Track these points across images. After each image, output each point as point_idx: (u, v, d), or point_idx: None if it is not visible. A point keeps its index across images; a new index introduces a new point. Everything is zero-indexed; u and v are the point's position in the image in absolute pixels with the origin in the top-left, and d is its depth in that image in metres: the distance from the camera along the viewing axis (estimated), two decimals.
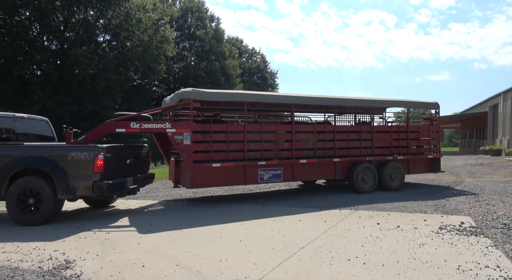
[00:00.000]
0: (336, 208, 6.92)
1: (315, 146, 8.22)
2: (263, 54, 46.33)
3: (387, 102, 9.38)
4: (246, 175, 7.55)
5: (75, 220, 6.26)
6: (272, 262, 3.97)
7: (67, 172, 5.73)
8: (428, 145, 9.60)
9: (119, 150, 6.42)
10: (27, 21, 17.16)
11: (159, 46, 21.82)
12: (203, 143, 7.23)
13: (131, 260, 4.13)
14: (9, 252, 4.41)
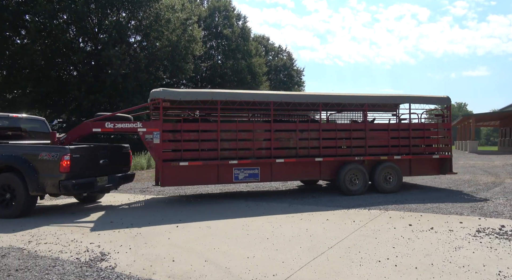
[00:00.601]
0: (365, 207, 6.76)
1: (297, 145, 7.90)
2: (290, 52, 46.04)
3: (388, 98, 8.65)
4: (220, 174, 7.49)
5: (110, 215, 6.52)
6: (300, 261, 3.94)
7: (38, 171, 6.00)
8: (436, 144, 8.71)
9: (90, 151, 6.59)
10: (64, 24, 18.05)
11: (187, 45, 22.22)
12: (174, 142, 7.25)
13: (161, 255, 4.25)
14: (50, 243, 4.67)
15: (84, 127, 7.15)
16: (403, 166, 8.45)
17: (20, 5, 17.32)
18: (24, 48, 16.94)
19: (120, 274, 3.65)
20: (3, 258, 4.05)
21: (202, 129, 7.37)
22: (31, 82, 18.36)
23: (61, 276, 3.58)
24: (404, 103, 8.74)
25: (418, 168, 8.63)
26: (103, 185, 6.70)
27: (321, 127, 8.08)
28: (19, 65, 18.25)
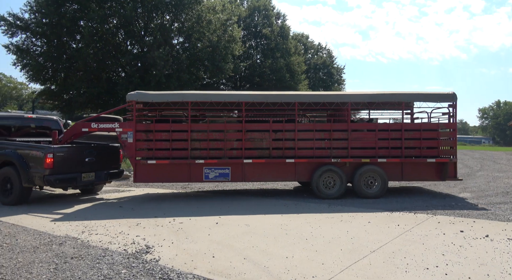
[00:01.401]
0: (411, 211, 6.42)
1: (270, 146, 7.67)
2: (330, 50, 45.00)
3: (377, 96, 7.89)
4: (191, 172, 7.62)
5: (154, 210, 6.81)
6: (340, 263, 3.84)
7: (30, 166, 6.76)
8: (437, 146, 7.71)
9: (74, 150, 7.27)
10: (114, 28, 19.16)
11: (227, 45, 22.56)
12: (147, 141, 7.52)
13: (202, 250, 4.36)
14: (100, 234, 4.99)
15: (75, 128, 7.82)
16: (392, 170, 7.74)
17: (76, 12, 18.66)
18: (79, 52, 18.24)
19: (164, 267, 3.79)
20: (61, 246, 4.39)
21: (173, 130, 7.58)
22: (84, 84, 19.72)
23: (111, 265, 3.80)
24: (401, 101, 7.85)
25: (411, 173, 7.82)
26: (90, 180, 7.33)
27: (297, 127, 7.70)
28: (75, 68, 19.69)
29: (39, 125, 8.67)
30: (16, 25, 18.23)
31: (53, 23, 17.95)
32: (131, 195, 8.27)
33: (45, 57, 18.97)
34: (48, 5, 17.69)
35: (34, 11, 18.38)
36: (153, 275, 3.56)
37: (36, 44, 19.23)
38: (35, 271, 3.62)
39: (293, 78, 31.30)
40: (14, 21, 18.17)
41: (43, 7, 17.88)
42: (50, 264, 3.81)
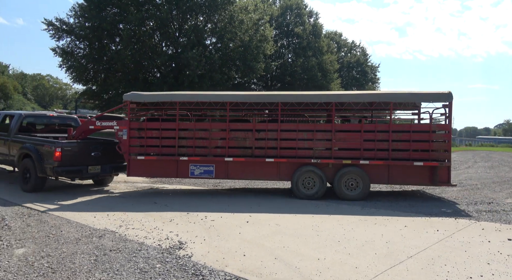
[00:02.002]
0: (451, 216, 6.08)
1: (253, 145, 7.70)
2: (364, 47, 43.87)
3: (364, 96, 7.69)
4: (178, 168, 7.96)
5: (188, 206, 6.98)
6: (375, 268, 3.71)
7: (43, 158, 7.48)
8: (428, 149, 7.22)
9: (81, 145, 7.91)
10: (151, 30, 19.90)
11: (259, 45, 22.63)
12: (139, 139, 7.99)
13: (233, 248, 4.39)
14: (136, 229, 5.18)
15: (84, 125, 8.56)
16: (376, 172, 7.43)
17: (116, 16, 19.58)
18: (118, 53, 19.11)
19: (196, 263, 3.87)
20: (100, 239, 4.61)
21: (162, 128, 7.98)
22: (122, 84, 20.64)
23: (146, 259, 3.94)
24: (388, 101, 7.51)
25: (399, 176, 7.43)
26: (96, 172, 7.96)
27: (280, 127, 7.65)
28: (114, 69, 20.65)
29: (61, 123, 9.66)
30: (62, 29, 19.42)
31: (95, 27, 18.93)
32: (164, 190, 8.53)
33: (87, 59, 20.07)
34: (90, 9, 18.67)
35: (78, 15, 19.48)
36: (186, 271, 3.64)
37: (79, 47, 20.38)
38: (78, 261, 3.83)
39: (325, 77, 30.78)
40: (60, 26, 19.36)
41: (86, 12, 18.90)
42: (90, 255, 4.01)
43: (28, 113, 9.41)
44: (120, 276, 3.47)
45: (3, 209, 5.96)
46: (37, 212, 5.91)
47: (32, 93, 70.17)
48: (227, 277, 3.50)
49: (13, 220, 5.29)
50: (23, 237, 4.55)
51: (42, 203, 6.57)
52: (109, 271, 3.59)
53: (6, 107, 56.69)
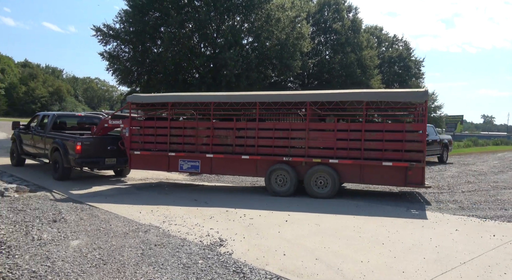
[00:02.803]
0: (510, 220, 5.60)
1: (234, 143, 8.06)
2: (406, 41, 41.66)
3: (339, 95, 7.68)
4: (170, 163, 8.58)
5: (226, 204, 7.08)
6: (424, 273, 3.51)
7: (68, 151, 8.56)
8: (401, 149, 6.94)
9: (98, 140, 9.03)
10: (190, 32, 20.44)
11: (295, 43, 22.38)
12: (138, 136, 8.83)
13: (272, 247, 4.38)
14: (179, 225, 5.35)
15: (101, 123, 9.46)
16: (348, 171, 7.36)
17: (157, 20, 20.38)
18: (159, 56, 19.88)
19: (237, 260, 3.91)
20: (146, 234, 4.82)
21: (157, 126, 8.69)
22: (163, 85, 21.43)
23: (189, 255, 4.05)
24: (362, 100, 7.38)
25: (372, 175, 7.25)
26: (112, 164, 9.02)
27: (258, 126, 7.87)
28: (155, 71, 21.51)
29: (88, 121, 10.93)
30: (109, 34, 20.57)
31: (139, 31, 19.84)
32: (203, 186, 8.73)
33: (131, 62, 21.09)
34: (134, 15, 19.59)
35: (123, 21, 20.52)
36: (227, 268, 3.69)
37: (124, 50, 21.46)
38: (126, 254, 4.03)
39: (364, 73, 29.77)
40: (107, 31, 20.52)
41: (130, 17, 19.86)
42: (137, 249, 4.20)
43: (60, 113, 10.83)
44: (165, 270, 3.60)
45: (59, 203, 6.44)
46: (89, 206, 6.31)
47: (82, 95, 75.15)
48: (268, 276, 3.50)
49: (68, 213, 5.69)
50: (77, 229, 4.88)
51: (92, 198, 7.01)
52: (155, 265, 3.73)
53: (61, 109, 61.39)
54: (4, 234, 4.51)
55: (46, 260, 3.74)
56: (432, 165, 14.98)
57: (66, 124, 10.60)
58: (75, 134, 9.39)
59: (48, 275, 3.39)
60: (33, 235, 4.53)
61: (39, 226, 4.91)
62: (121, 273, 3.52)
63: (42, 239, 4.38)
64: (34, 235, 4.51)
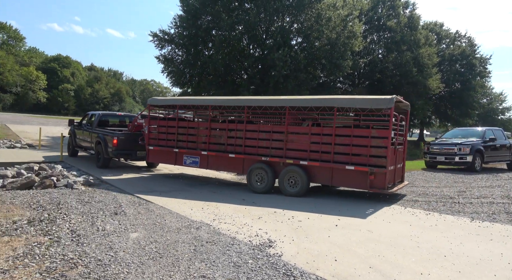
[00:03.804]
0: None
1: (226, 142, 8.82)
2: (470, 37, 38.25)
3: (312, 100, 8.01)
4: (176, 158, 9.66)
5: (273, 204, 7.07)
6: None
7: (108, 144, 10.20)
8: (366, 154, 7.14)
9: (131, 135, 10.49)
10: (240, 34, 20.84)
11: (346, 42, 21.72)
12: (154, 133, 10.09)
13: (323, 252, 4.27)
14: (228, 224, 5.45)
15: (133, 121, 11.01)
16: (318, 173, 7.71)
17: (209, 23, 21.08)
18: (210, 58, 20.53)
19: (286, 263, 3.87)
20: (197, 230, 4.98)
21: (168, 126, 9.85)
22: (214, 86, 22.09)
23: (238, 254, 4.10)
24: (333, 106, 7.65)
25: (340, 178, 7.51)
26: (143, 156, 10.51)
27: (246, 128, 8.57)
28: (206, 73, 22.25)
29: (126, 120, 12.70)
30: (164, 39, 21.72)
31: (191, 35, 20.68)
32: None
33: (184, 65, 22.04)
34: (188, 19, 20.46)
35: (177, 26, 21.54)
36: (277, 270, 3.66)
37: (178, 54, 22.51)
38: (180, 249, 4.19)
39: (421, 72, 27.97)
40: (163, 36, 21.69)
41: (184, 22, 20.78)
42: (190, 245, 4.35)
43: (104, 112, 12.53)
44: (216, 268, 3.68)
45: (119, 196, 6.92)
46: (145, 201, 6.69)
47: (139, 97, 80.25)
48: None
49: (128, 207, 6.09)
50: (135, 223, 5.20)
51: (148, 194, 7.42)
52: (207, 262, 3.83)
53: (120, 109, 66.21)
54: (74, 223, 4.96)
55: (110, 250, 4.02)
56: (500, 172, 13.59)
57: (109, 122, 12.27)
58: (115, 130, 10.95)
59: (111, 264, 3.65)
60: (98, 225, 4.91)
61: (103, 218, 5.31)
62: (176, 267, 3.67)
63: (106, 230, 4.73)
64: (98, 226, 4.89)
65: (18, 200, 6.17)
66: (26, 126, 22.55)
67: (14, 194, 6.77)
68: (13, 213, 5.31)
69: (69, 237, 4.39)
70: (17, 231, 4.49)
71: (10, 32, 56.93)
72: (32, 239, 4.26)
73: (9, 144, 14.70)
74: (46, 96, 55.48)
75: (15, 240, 4.19)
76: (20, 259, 3.64)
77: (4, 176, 8.67)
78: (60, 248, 4.00)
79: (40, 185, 7.75)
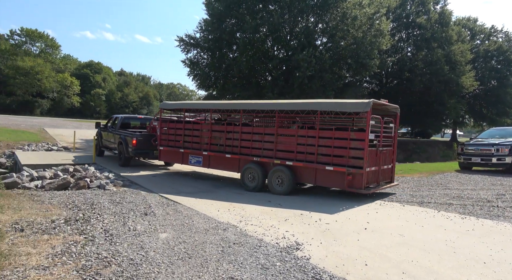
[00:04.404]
0: None
1: (224, 143, 9.36)
2: (508, 32, 36.18)
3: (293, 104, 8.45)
4: (183, 157, 10.33)
5: (299, 206, 7.00)
6: None
7: (128, 145, 11.26)
8: (345, 155, 7.46)
9: (148, 136, 11.40)
10: (264, 36, 20.88)
11: (373, 41, 21.19)
12: (164, 134, 10.87)
13: (352, 255, 4.17)
14: (255, 225, 5.45)
15: (150, 123, 11.99)
16: (303, 173, 8.08)
17: (233, 26, 21.29)
18: (235, 60, 20.71)
19: (315, 266, 3.80)
20: (225, 232, 5.02)
21: (176, 128, 10.57)
22: (238, 89, 22.26)
23: (266, 256, 4.08)
24: (318, 109, 8.01)
25: (321, 178, 7.81)
26: (157, 155, 11.24)
27: (241, 130, 9.07)
28: (231, 75, 22.46)
29: (145, 122, 13.55)
30: (190, 43, 22.16)
31: (216, 38, 20.96)
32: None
33: (209, 68, 22.37)
34: (213, 23, 20.77)
35: (203, 30, 21.91)
36: (306, 273, 3.61)
37: (203, 57, 22.89)
38: (208, 250, 4.23)
39: (453, 70, 26.82)
40: (189, 41, 22.14)
41: (209, 26, 21.10)
42: (218, 246, 4.39)
43: (126, 116, 13.70)
44: (244, 270, 3.68)
45: (148, 197, 7.11)
46: (173, 202, 6.83)
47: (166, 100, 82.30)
48: None
49: (157, 208, 6.23)
50: (164, 223, 5.31)
51: (175, 195, 7.57)
52: (235, 263, 3.85)
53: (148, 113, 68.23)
54: (107, 223, 5.14)
55: (141, 250, 4.13)
56: None
57: (130, 124, 13.45)
58: (135, 132, 11.93)
59: (143, 263, 3.74)
60: (129, 225, 5.06)
61: (134, 218, 5.47)
62: (204, 268, 3.71)
63: (137, 230, 4.87)
64: (130, 226, 5.04)
65: (56, 200, 6.48)
66: (62, 129, 23.74)
67: (52, 194, 7.12)
68: (51, 213, 5.59)
69: (103, 236, 4.55)
70: (55, 230, 4.72)
71: (47, 41, 60.24)
72: (68, 237, 4.45)
73: (47, 147, 15.52)
74: (79, 101, 58.17)
75: (54, 238, 4.40)
76: (58, 257, 3.82)
77: (43, 177, 9.15)
78: (94, 246, 4.16)
79: (75, 185, 8.12)
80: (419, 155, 30.04)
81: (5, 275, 3.32)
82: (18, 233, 4.47)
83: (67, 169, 10.16)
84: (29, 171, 9.49)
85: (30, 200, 6.49)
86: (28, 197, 6.71)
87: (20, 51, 54.60)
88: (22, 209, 5.72)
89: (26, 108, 50.20)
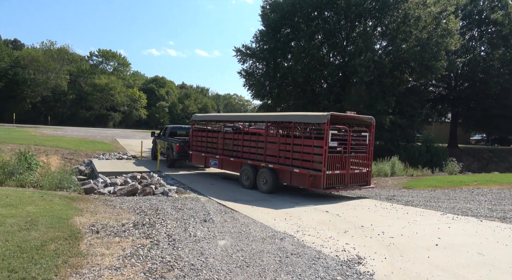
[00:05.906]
0: None
1: (232, 148, 10.92)
2: None
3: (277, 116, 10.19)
4: (206, 160, 12.21)
5: (359, 219, 6.65)
6: None
7: (173, 149, 13.48)
8: (310, 160, 8.51)
9: (188, 142, 13.27)
10: (319, 43, 20.65)
11: (440, 41, 19.65)
12: (194, 141, 12.89)
13: (423, 274, 3.81)
14: (312, 236, 5.29)
15: (189, 131, 13.59)
16: (282, 174, 9.25)
17: (288, 35, 21.44)
18: (289, 69, 20.76)
19: None
20: (282, 241, 4.95)
21: (201, 135, 12.57)
22: (293, 97, 22.20)
23: (326, 269, 3.92)
24: (292, 120, 9.44)
25: (296, 179, 8.92)
26: None
27: (243, 137, 10.54)
28: (285, 84, 22.53)
29: (188, 131, 14.67)
30: (246, 53, 22.77)
31: (271, 48, 21.25)
32: (334, 196, 8.45)
33: (264, 77, 22.70)
34: (268, 33, 21.11)
35: (258, 40, 22.38)
36: None
37: (258, 67, 23.33)
38: (265, 259, 4.20)
39: None
40: (245, 51, 22.76)
41: (264, 36, 21.49)
42: (275, 256, 4.33)
43: (174, 126, 16.08)
44: None
45: (207, 204, 7.34)
46: (230, 210, 6.95)
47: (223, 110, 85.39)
48: None
49: (215, 215, 6.40)
50: (223, 230, 5.41)
51: (233, 202, 7.71)
52: (293, 274, 3.75)
53: None
54: (170, 228, 5.40)
55: (201, 256, 4.25)
56: None
57: (177, 133, 15.63)
58: (179, 139, 14.15)
59: (203, 269, 3.84)
60: (190, 231, 5.26)
61: (194, 224, 5.68)
62: (262, 277, 3.68)
63: (197, 236, 5.03)
64: (190, 232, 5.23)
65: (125, 205, 7.02)
66: (130, 140, 25.88)
67: (122, 199, 7.73)
68: (122, 217, 6.05)
69: (166, 241, 4.78)
70: (125, 233, 5.09)
71: (119, 60, 66.72)
72: (136, 241, 4.76)
73: (118, 156, 17.00)
74: (146, 113, 63.06)
75: (124, 241, 4.75)
76: (128, 259, 4.09)
77: (115, 183, 10.01)
78: (159, 250, 4.38)
79: (142, 192, 8.72)
80: (498, 164, 26.85)
81: (83, 273, 3.65)
82: (94, 235, 4.90)
83: (135, 176, 10.98)
84: (103, 177, 10.46)
85: (104, 204, 7.12)
86: (102, 202, 7.36)
87: (97, 70, 61.21)
88: (97, 212, 6.28)
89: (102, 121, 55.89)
